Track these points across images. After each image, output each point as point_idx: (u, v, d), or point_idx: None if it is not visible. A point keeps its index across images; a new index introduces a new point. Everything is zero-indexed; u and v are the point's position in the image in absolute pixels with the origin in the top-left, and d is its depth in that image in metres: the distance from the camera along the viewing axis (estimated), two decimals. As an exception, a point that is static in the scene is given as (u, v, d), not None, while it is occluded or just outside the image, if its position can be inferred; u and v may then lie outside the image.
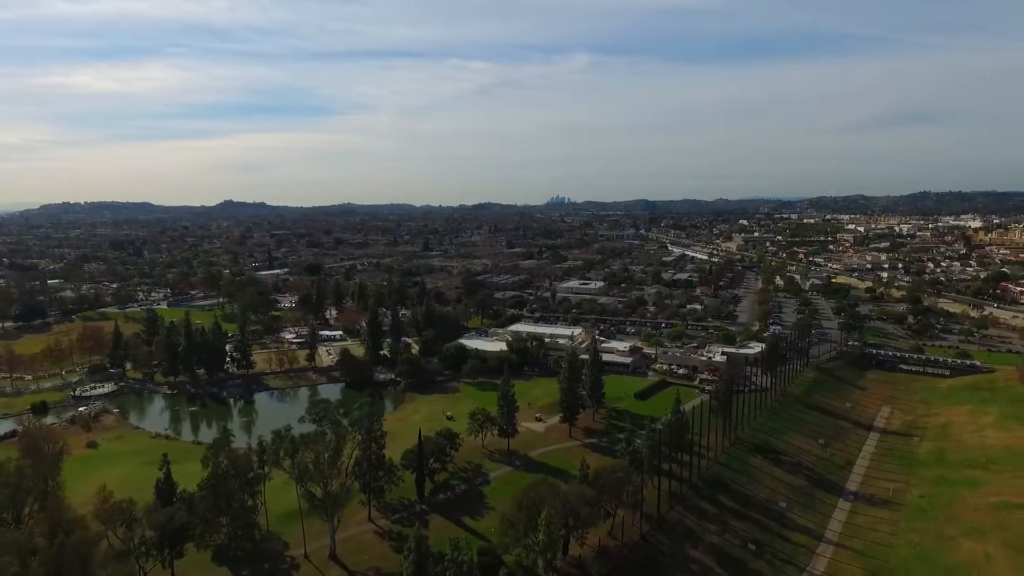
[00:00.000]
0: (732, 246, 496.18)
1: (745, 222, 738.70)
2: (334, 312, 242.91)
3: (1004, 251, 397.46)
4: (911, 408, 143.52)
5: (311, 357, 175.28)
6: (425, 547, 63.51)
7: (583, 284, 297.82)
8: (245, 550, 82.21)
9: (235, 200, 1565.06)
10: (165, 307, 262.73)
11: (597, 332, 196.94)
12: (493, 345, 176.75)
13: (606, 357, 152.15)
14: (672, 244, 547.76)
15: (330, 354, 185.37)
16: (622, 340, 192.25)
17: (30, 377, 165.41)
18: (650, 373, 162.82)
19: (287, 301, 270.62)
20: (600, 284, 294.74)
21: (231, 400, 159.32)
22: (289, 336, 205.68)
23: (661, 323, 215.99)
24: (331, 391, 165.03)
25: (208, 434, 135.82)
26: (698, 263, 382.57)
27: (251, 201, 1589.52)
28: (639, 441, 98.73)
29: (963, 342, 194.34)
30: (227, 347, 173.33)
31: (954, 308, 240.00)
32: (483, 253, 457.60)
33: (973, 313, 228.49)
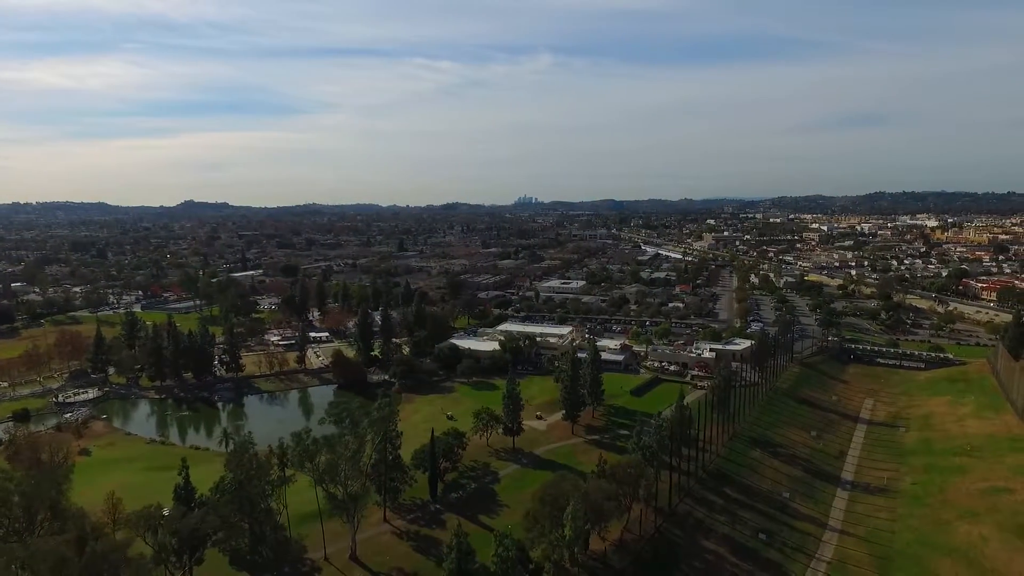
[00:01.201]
0: (703, 245, 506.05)
1: (713, 221, 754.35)
2: (316, 313, 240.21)
3: (961, 249, 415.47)
4: (893, 400, 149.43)
5: (301, 359, 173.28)
6: (466, 544, 64.03)
7: (564, 283, 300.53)
8: (264, 555, 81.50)
9: (196, 200, 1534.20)
10: (139, 310, 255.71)
11: (586, 331, 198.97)
12: (485, 345, 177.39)
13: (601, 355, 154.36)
14: (645, 243, 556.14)
15: (319, 356, 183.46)
16: (610, 338, 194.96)
17: (7, 384, 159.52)
18: (642, 370, 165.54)
19: (266, 303, 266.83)
20: (581, 283, 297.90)
21: (221, 404, 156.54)
22: (274, 338, 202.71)
23: (645, 321, 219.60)
24: (323, 393, 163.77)
25: (204, 439, 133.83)
26: (673, 262, 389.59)
27: (213, 201, 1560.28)
28: (646, 438, 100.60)
29: (934, 336, 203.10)
30: (214, 350, 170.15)
31: (922, 304, 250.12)
32: (459, 253, 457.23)
33: (939, 308, 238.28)
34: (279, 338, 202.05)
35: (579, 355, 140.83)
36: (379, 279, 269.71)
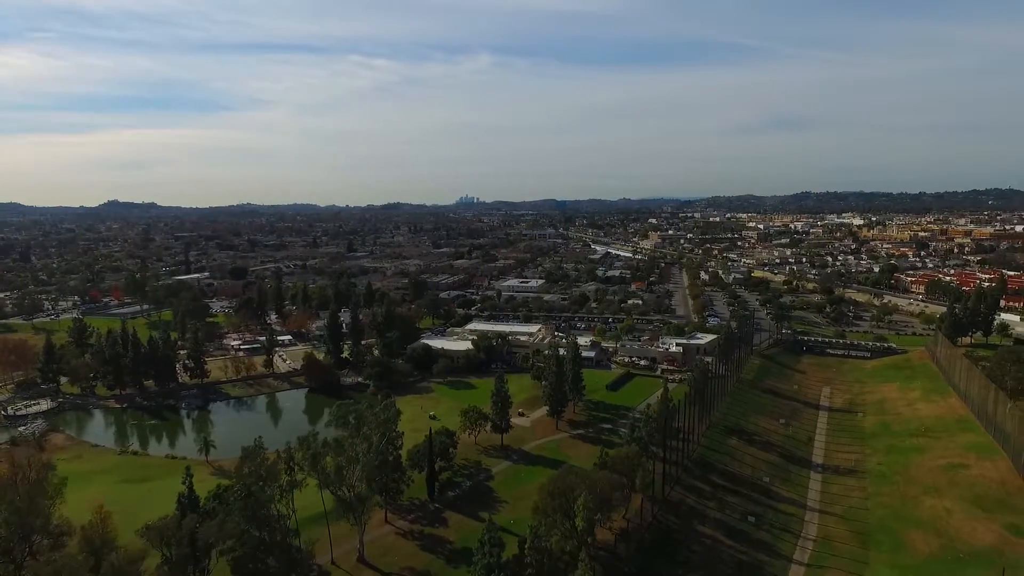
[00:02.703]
0: (649, 244, 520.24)
1: (655, 220, 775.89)
2: (274, 316, 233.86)
3: (887, 245, 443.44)
4: (847, 387, 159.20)
5: (269, 363, 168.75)
6: (497, 537, 65.13)
7: (523, 283, 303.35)
8: (270, 563, 79.81)
9: (121, 200, 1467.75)
10: (78, 316, 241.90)
11: (555, 329, 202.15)
12: (458, 344, 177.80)
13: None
14: (594, 242, 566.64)
15: (285, 360, 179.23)
16: (577, 336, 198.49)
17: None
18: (613, 366, 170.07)
19: (218, 306, 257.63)
20: (540, 282, 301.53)
21: (185, 412, 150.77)
22: (234, 343, 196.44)
23: (608, 318, 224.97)
24: (295, 397, 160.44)
25: (178, 447, 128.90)
26: (625, 260, 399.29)
27: (139, 201, 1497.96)
28: (639, 430, 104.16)
29: (874, 327, 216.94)
30: (176, 356, 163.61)
31: (860, 298, 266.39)
32: (411, 253, 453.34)
33: (876, 302, 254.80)
34: (240, 342, 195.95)
35: (556, 352, 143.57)
36: (340, 280, 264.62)
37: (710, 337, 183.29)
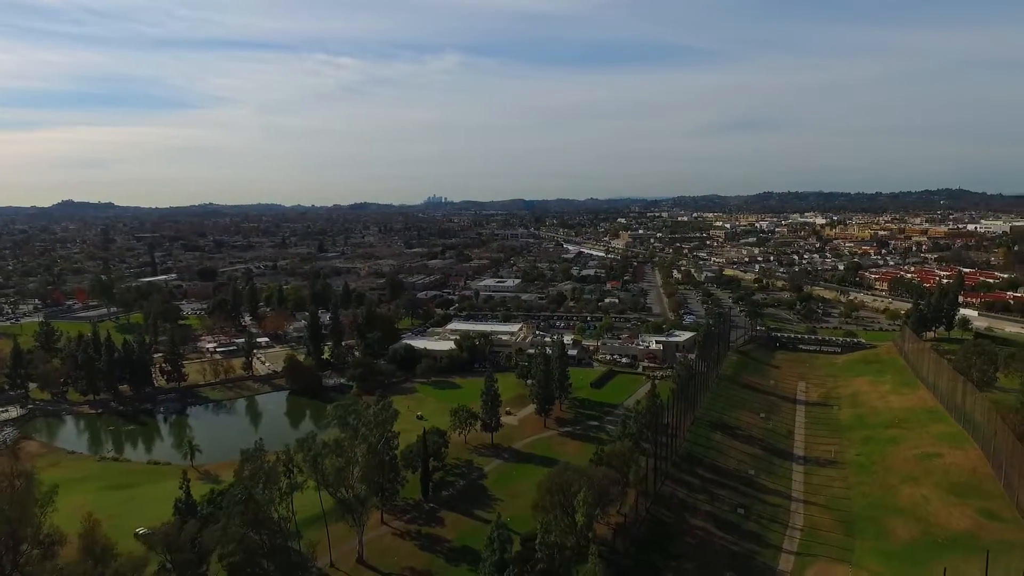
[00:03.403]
0: (620, 243, 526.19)
1: (623, 220, 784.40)
2: (249, 318, 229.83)
3: (849, 244, 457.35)
4: (821, 382, 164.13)
5: (248, 366, 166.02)
6: (506, 534, 65.74)
7: (499, 282, 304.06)
8: (266, 567, 78.93)
9: (76, 200, 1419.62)
10: (44, 319, 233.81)
11: (536, 328, 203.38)
12: (440, 344, 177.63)
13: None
14: (565, 242, 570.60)
15: (264, 362, 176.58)
16: (557, 334, 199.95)
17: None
18: (595, 364, 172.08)
19: (188, 309, 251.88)
20: (516, 282, 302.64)
21: (163, 416, 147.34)
22: (209, 345, 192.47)
23: (587, 317, 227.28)
24: (276, 400, 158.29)
25: (159, 452, 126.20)
26: (598, 260, 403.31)
27: (96, 201, 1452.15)
28: (630, 426, 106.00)
29: (843, 323, 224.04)
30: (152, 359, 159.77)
31: (827, 295, 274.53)
32: (383, 254, 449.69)
33: (843, 298, 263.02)
34: (215, 345, 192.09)
35: (529, 351, 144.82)
36: (316, 281, 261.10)
37: (688, 334, 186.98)
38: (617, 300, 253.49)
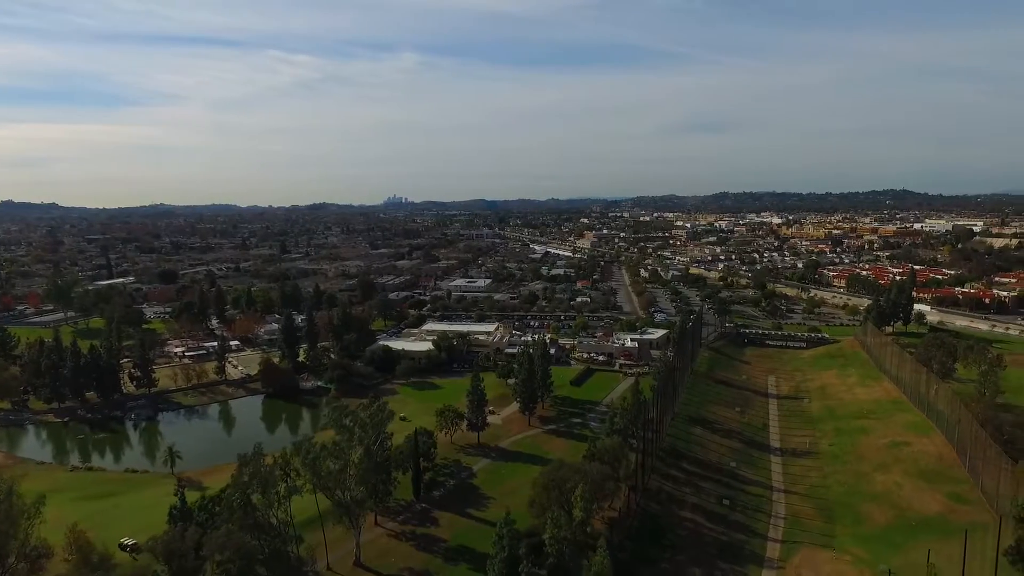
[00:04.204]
0: (586, 243, 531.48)
1: (586, 220, 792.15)
2: (215, 321, 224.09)
3: (805, 243, 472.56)
4: (790, 376, 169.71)
5: (221, 370, 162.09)
6: (513, 530, 66.34)
7: (470, 283, 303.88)
8: (260, 572, 77.72)
9: (16, 200, 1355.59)
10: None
11: (513, 328, 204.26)
12: (417, 345, 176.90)
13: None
14: (531, 242, 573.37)
15: (236, 366, 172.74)
16: (532, 334, 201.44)
17: None
18: (572, 362, 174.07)
19: (151, 312, 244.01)
20: (487, 282, 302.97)
21: (133, 423, 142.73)
22: (178, 350, 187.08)
23: (560, 316, 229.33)
24: (251, 404, 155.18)
25: (133, 460, 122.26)
26: (566, 259, 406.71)
27: (38, 202, 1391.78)
28: (618, 422, 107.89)
29: (806, 319, 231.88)
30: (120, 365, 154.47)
31: (789, 292, 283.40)
32: (348, 255, 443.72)
33: (804, 295, 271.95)
34: (183, 349, 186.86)
35: (508, 350, 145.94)
36: (285, 283, 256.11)
37: (661, 332, 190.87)
38: (589, 299, 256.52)
